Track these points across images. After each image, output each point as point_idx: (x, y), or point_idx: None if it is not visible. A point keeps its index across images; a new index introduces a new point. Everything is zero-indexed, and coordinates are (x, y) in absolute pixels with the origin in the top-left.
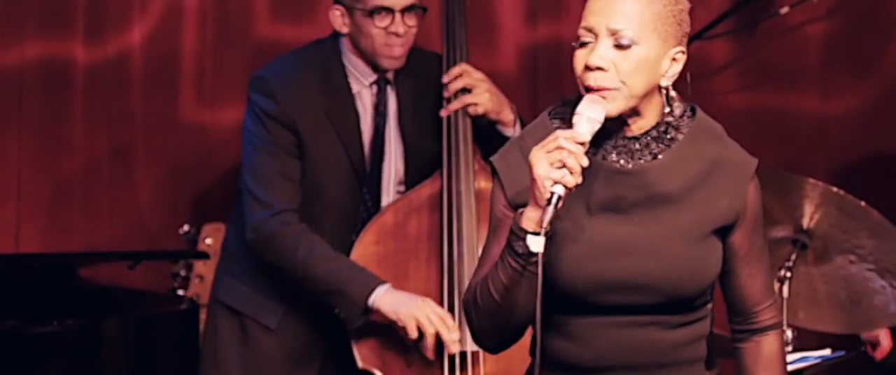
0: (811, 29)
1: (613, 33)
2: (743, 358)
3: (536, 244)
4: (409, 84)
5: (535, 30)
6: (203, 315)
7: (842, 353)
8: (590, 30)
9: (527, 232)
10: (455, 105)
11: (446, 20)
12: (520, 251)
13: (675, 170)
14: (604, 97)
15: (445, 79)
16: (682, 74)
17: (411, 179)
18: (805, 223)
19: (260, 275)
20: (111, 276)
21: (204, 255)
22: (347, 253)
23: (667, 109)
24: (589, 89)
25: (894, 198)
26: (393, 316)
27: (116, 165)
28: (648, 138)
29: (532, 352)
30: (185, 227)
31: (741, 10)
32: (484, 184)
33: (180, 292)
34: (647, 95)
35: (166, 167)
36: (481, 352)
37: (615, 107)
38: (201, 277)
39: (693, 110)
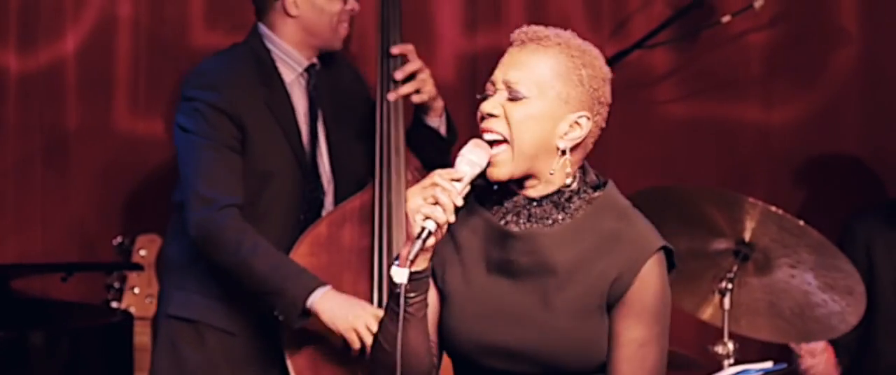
0: (753, 38)
1: (508, 85)
2: None
3: (399, 275)
4: (324, 75)
5: (474, 38)
6: (138, 328)
7: (783, 365)
8: (492, 83)
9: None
10: (405, 89)
11: (382, 25)
12: (397, 290)
13: (569, 240)
14: (492, 152)
15: (395, 51)
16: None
17: (337, 168)
18: (746, 236)
19: (211, 281)
20: (44, 288)
21: (138, 267)
22: (294, 243)
23: (567, 170)
24: (481, 130)
25: (835, 209)
26: (331, 325)
27: (49, 175)
28: (548, 204)
29: None
30: (119, 238)
31: (682, 18)
32: None
33: (114, 304)
34: (541, 156)
35: (100, 177)
36: None
37: (505, 167)
38: (135, 289)
39: (605, 184)
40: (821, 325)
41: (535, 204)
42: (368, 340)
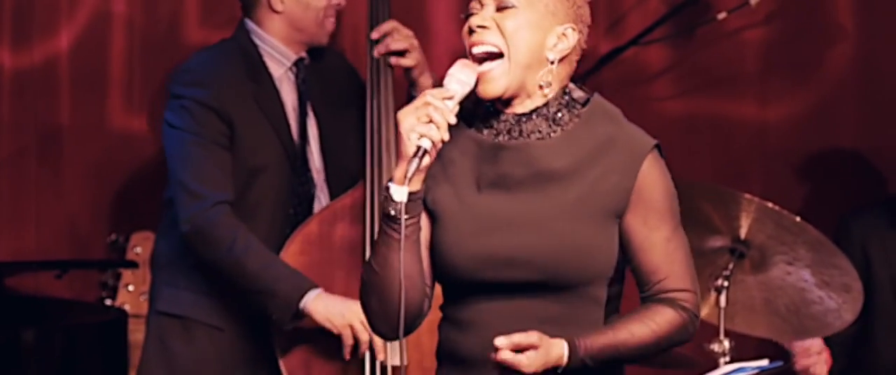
0: (749, 34)
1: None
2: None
3: (399, 193)
4: (315, 69)
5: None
6: (132, 326)
7: (779, 363)
8: (477, 3)
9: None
10: (382, 48)
11: (371, 19)
12: (391, 212)
13: (563, 148)
14: (484, 68)
15: (375, 35)
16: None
17: (329, 162)
18: (742, 233)
19: (199, 277)
20: (38, 285)
21: (133, 264)
22: (284, 240)
23: (554, 82)
24: (472, 55)
25: (831, 206)
26: (326, 324)
27: (43, 172)
28: (538, 117)
29: (439, 355)
30: (113, 236)
31: (678, 14)
32: None
33: (108, 301)
34: (533, 68)
35: (94, 174)
36: (406, 365)
37: (501, 81)
38: (130, 286)
39: (593, 94)
40: (817, 322)
41: (524, 119)
42: (363, 337)
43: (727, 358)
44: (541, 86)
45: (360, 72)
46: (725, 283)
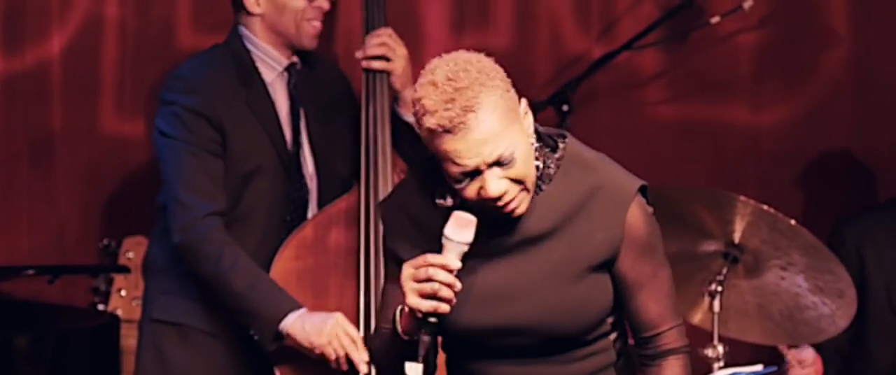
0: (743, 38)
1: (495, 163)
2: None
3: (414, 370)
4: (308, 75)
5: (461, 39)
6: (124, 331)
7: (774, 369)
8: (472, 170)
9: (405, 344)
10: (372, 52)
11: (366, 24)
12: (400, 347)
13: (544, 211)
14: (516, 208)
15: (369, 41)
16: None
17: (321, 168)
18: (736, 238)
19: (193, 283)
20: (30, 290)
21: (125, 269)
22: (278, 246)
23: (537, 164)
24: (496, 207)
25: (825, 212)
26: (307, 345)
27: (35, 177)
28: None
29: None
30: (105, 241)
31: (671, 18)
32: None
33: (100, 307)
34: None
35: (86, 179)
36: None
37: (526, 204)
38: (122, 291)
39: (563, 138)
40: (810, 328)
41: None
42: (340, 353)
43: (721, 364)
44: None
45: (351, 80)
46: (719, 288)
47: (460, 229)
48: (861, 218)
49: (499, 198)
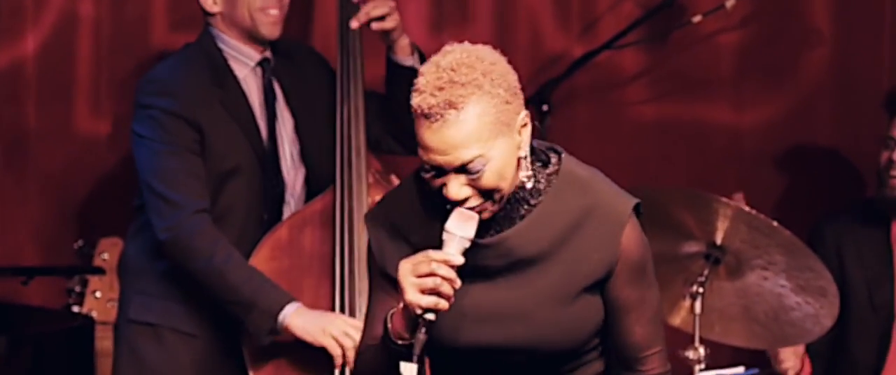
0: (724, 38)
1: (461, 171)
2: None
3: (409, 370)
4: (289, 66)
5: (440, 38)
6: (100, 333)
7: (755, 371)
8: (435, 167)
9: (398, 348)
10: (363, 16)
11: (341, 23)
12: (393, 353)
13: (537, 232)
14: (480, 211)
15: (368, 16)
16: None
17: (308, 156)
18: (718, 239)
19: (170, 283)
20: (4, 292)
21: (100, 270)
22: (256, 243)
23: (527, 174)
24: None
25: (807, 211)
26: (307, 337)
27: (8, 177)
28: (511, 204)
29: None
30: (80, 242)
31: (653, 18)
32: (378, 198)
33: (75, 309)
34: (515, 177)
35: (61, 180)
36: None
37: (498, 211)
38: (97, 293)
39: (558, 155)
40: (796, 329)
41: (499, 213)
42: (347, 343)
43: (702, 366)
44: (520, 181)
45: (331, 63)
46: (700, 289)
47: (462, 223)
48: (840, 217)
49: (461, 202)
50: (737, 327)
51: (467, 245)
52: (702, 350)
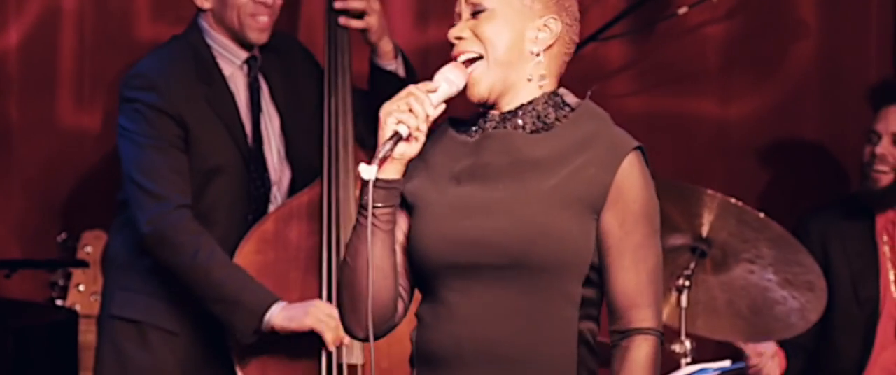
0: (710, 30)
1: (470, 6)
2: (612, 364)
3: (367, 172)
4: (275, 61)
5: (426, 31)
6: (83, 326)
7: (741, 364)
8: (458, 14)
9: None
10: (340, 3)
11: (329, 13)
12: (363, 199)
13: (545, 141)
14: (469, 70)
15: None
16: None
17: (294, 155)
18: (704, 231)
19: (154, 280)
20: None
21: (83, 263)
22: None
23: (542, 73)
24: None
25: (793, 204)
26: (294, 325)
27: None
28: (523, 113)
29: (412, 360)
30: (64, 235)
31: (638, 10)
32: None
33: (59, 302)
34: (515, 64)
35: (44, 172)
36: (363, 364)
37: (484, 81)
38: (80, 286)
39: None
40: (781, 323)
41: (509, 115)
42: (331, 324)
43: (689, 359)
44: (529, 80)
45: (318, 60)
46: (686, 283)
47: (454, 68)
48: (825, 212)
49: (455, 43)
50: (721, 321)
51: (454, 93)
52: (688, 344)
